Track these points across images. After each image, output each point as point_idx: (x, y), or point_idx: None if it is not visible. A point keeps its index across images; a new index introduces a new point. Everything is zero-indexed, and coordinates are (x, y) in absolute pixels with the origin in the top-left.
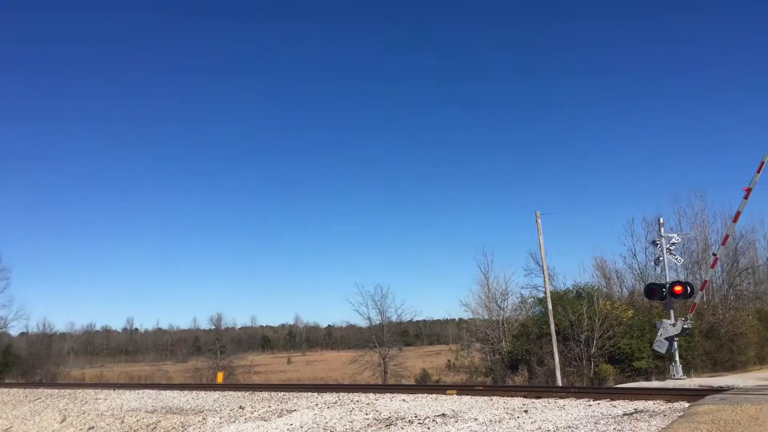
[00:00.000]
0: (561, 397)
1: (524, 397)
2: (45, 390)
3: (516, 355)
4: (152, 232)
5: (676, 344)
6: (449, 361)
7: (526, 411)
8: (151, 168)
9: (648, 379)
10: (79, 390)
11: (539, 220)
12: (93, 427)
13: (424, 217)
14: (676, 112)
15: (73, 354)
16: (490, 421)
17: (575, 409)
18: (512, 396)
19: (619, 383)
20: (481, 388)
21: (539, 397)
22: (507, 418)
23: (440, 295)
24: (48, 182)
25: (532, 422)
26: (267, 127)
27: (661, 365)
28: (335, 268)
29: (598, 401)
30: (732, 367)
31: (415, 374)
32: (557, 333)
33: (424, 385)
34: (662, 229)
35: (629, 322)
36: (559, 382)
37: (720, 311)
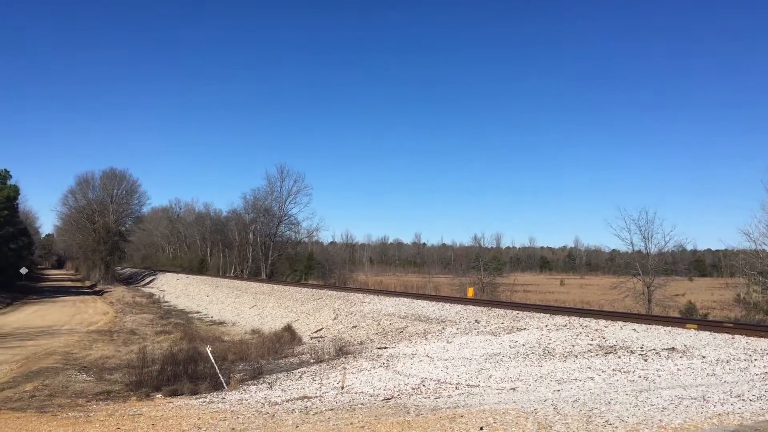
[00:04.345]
0: None
1: None
2: (327, 291)
3: None
4: (436, 155)
5: None
6: (738, 295)
7: None
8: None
9: None
10: (351, 294)
11: None
12: (356, 326)
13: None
14: None
15: (369, 262)
16: (717, 360)
17: None
18: (762, 337)
19: None
20: (731, 325)
21: None
22: (740, 359)
23: (715, 222)
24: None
25: (764, 366)
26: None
27: None
28: (615, 189)
29: None
30: None
31: (683, 306)
32: None
33: (663, 316)
34: None
35: None
36: None
37: None
